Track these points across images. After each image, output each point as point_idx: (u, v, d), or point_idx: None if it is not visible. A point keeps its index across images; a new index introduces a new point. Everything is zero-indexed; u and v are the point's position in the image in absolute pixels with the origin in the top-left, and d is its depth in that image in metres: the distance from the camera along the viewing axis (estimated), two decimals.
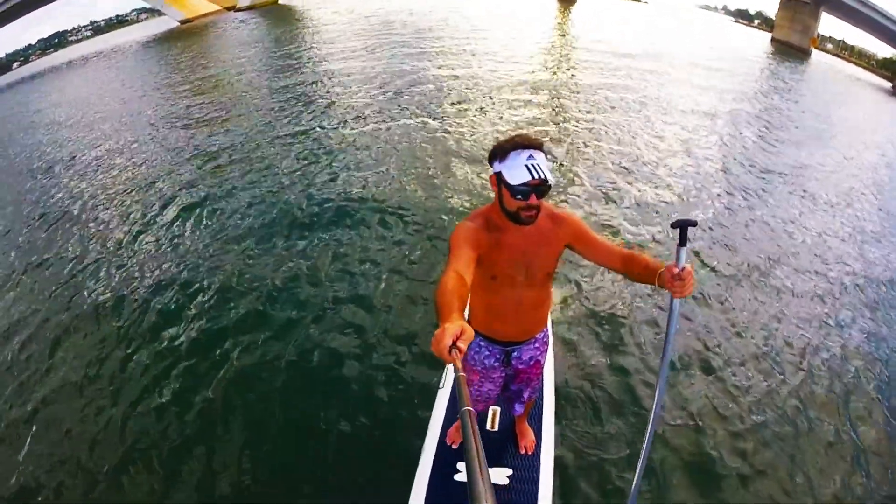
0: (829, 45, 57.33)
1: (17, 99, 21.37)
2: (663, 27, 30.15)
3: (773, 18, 47.88)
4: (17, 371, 3.68)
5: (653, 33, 25.09)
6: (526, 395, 2.22)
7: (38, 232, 5.95)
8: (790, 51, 36.89)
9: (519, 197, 1.57)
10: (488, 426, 2.53)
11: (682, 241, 1.52)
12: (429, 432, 2.46)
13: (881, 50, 55.83)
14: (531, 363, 2.08)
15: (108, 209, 6.14)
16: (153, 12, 61.22)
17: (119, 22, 75.99)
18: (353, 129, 7.76)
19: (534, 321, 1.96)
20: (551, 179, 1.58)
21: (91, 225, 5.84)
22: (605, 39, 19.11)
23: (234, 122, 8.94)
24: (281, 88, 11.09)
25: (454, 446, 2.39)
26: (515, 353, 2.04)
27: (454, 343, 1.05)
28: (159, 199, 6.11)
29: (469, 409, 0.85)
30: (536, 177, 1.54)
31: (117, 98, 13.95)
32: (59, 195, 6.97)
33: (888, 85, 41.64)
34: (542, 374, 2.19)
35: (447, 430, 2.46)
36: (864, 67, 53.00)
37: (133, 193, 6.45)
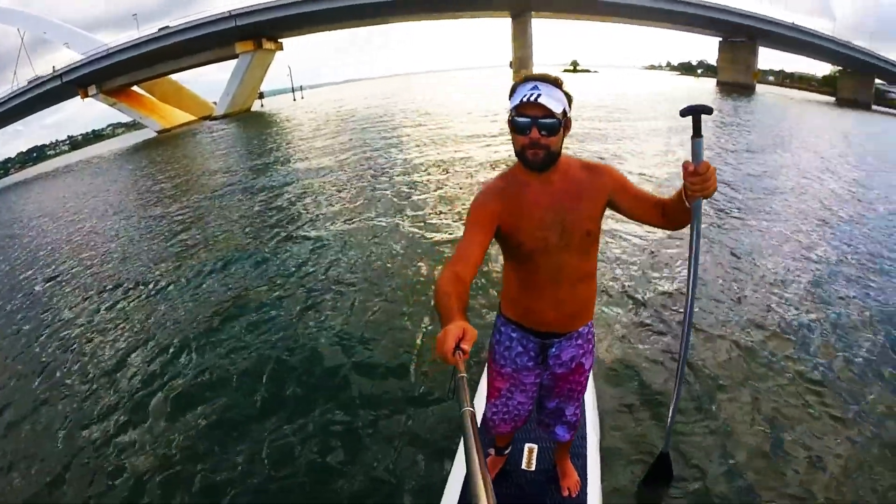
0: (771, 77, 61.05)
1: None
2: (617, 90, 32.51)
3: (715, 65, 51.44)
4: None
5: (609, 95, 27.18)
6: (569, 414, 1.90)
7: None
8: (736, 89, 39.19)
9: (527, 132, 1.42)
10: (524, 465, 2.21)
11: (697, 131, 1.41)
12: (455, 464, 2.27)
13: (820, 70, 60.08)
14: (572, 366, 1.77)
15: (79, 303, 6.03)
16: (129, 126, 62.90)
17: (96, 136, 77.73)
18: (317, 229, 7.51)
19: (577, 303, 1.66)
20: (555, 109, 1.39)
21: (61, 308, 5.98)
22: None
23: (206, 221, 8.97)
24: (253, 188, 11.20)
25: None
26: (553, 350, 1.73)
27: (457, 345, 1.03)
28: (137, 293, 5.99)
29: (469, 410, 0.84)
30: (526, 99, 1.39)
31: (93, 205, 13.91)
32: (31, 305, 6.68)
33: (832, 99, 44.58)
34: (586, 384, 1.88)
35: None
36: (806, 89, 56.39)
37: (104, 294, 6.27)
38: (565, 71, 65.38)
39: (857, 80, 45.18)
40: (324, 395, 3.50)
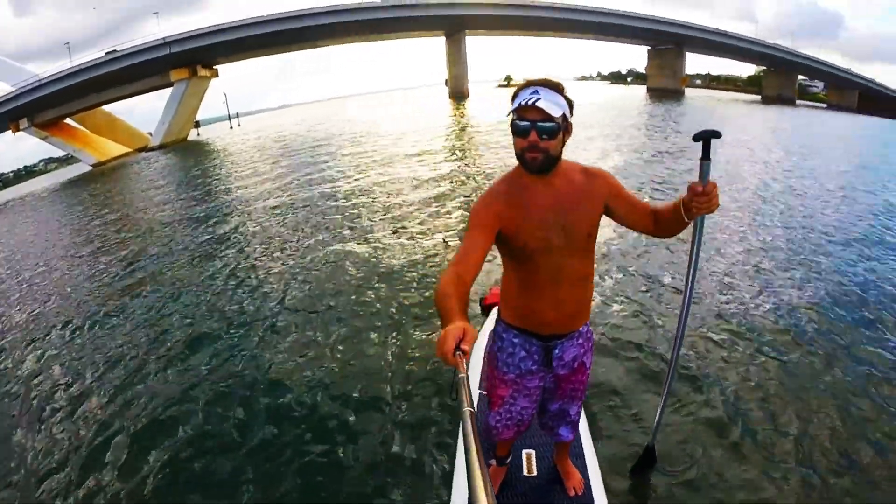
0: (698, 81, 64.63)
1: None
2: None
3: (645, 72, 53.93)
4: None
5: None
6: (573, 414, 1.95)
7: None
8: (665, 94, 41.09)
9: (526, 135, 1.45)
10: (525, 471, 2.20)
11: (706, 154, 1.49)
12: (457, 469, 2.28)
13: (745, 71, 64.21)
14: (575, 365, 1.80)
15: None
16: (62, 161, 60.11)
17: (27, 173, 74.30)
18: (267, 256, 7.28)
19: (576, 303, 1.69)
20: (553, 113, 1.41)
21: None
22: (502, 122, 20.86)
23: (152, 255, 8.46)
24: (198, 219, 10.80)
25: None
26: (557, 351, 1.74)
27: (458, 346, 1.03)
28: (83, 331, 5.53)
29: (470, 410, 0.84)
30: (525, 103, 1.41)
31: (31, 244, 12.70)
32: None
33: (758, 97, 47.44)
34: (587, 383, 1.92)
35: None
36: (733, 90, 59.90)
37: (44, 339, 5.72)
38: (500, 86, 67.13)
39: (780, 78, 48.36)
40: (297, 424, 3.40)
